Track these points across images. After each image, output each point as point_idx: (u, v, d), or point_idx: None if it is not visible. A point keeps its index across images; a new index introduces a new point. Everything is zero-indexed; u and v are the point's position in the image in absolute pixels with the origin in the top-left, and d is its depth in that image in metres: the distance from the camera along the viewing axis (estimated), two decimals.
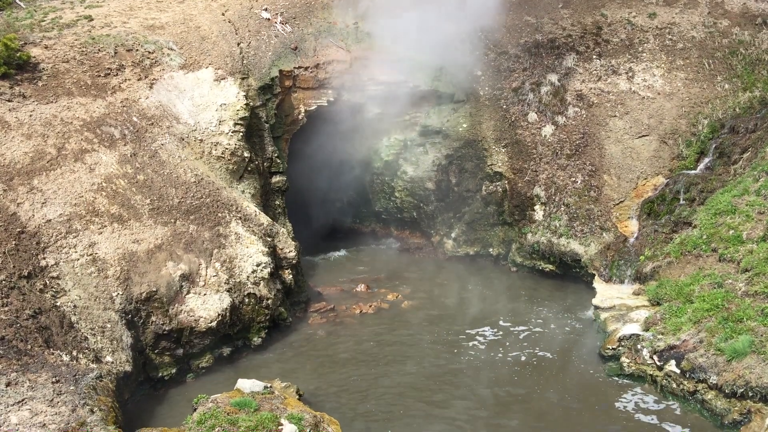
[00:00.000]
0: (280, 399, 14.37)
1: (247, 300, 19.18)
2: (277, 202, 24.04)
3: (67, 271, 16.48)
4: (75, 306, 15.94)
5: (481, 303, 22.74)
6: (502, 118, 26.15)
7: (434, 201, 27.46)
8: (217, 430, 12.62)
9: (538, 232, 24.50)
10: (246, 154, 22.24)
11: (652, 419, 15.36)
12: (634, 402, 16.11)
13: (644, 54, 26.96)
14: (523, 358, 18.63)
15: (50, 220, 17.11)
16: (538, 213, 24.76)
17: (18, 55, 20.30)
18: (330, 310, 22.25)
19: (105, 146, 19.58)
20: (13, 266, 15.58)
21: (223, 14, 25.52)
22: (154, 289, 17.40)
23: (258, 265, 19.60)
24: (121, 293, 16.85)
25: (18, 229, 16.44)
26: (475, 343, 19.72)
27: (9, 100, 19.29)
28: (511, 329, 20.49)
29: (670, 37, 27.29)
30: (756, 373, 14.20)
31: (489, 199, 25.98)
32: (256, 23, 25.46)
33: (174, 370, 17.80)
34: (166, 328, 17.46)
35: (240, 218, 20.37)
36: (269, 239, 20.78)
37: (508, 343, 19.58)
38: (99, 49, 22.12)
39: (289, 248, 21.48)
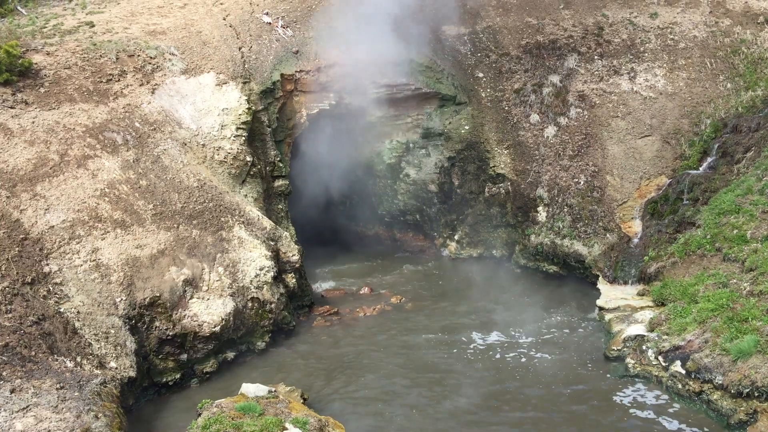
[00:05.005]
0: (284, 403, 14.35)
1: (250, 304, 19.17)
2: (279, 206, 24.03)
3: (71, 277, 16.49)
4: (78, 312, 15.94)
5: (484, 305, 22.68)
6: (504, 119, 26.13)
7: (437, 203, 27.44)
8: None
9: (541, 234, 24.45)
10: (248, 159, 22.25)
11: (657, 419, 15.31)
12: (639, 402, 16.04)
13: (646, 54, 26.91)
14: (524, 360, 18.59)
15: (53, 227, 17.13)
16: (542, 214, 24.71)
17: (20, 61, 20.33)
18: (334, 314, 22.24)
19: (107, 152, 19.61)
20: (17, 273, 15.59)
21: (224, 19, 25.55)
22: (158, 295, 17.40)
23: (261, 269, 19.60)
24: (124, 299, 16.85)
25: (21, 236, 16.46)
26: (479, 344, 19.68)
27: (11, 107, 19.33)
28: (515, 331, 20.43)
29: (671, 36, 27.25)
30: (762, 372, 14.14)
31: (492, 201, 25.95)
32: (257, 27, 25.48)
33: (178, 375, 17.78)
34: (170, 333, 17.45)
35: (243, 222, 20.37)
36: (272, 243, 20.77)
37: (511, 345, 19.53)
38: (101, 55, 22.15)
39: (292, 252, 21.48)
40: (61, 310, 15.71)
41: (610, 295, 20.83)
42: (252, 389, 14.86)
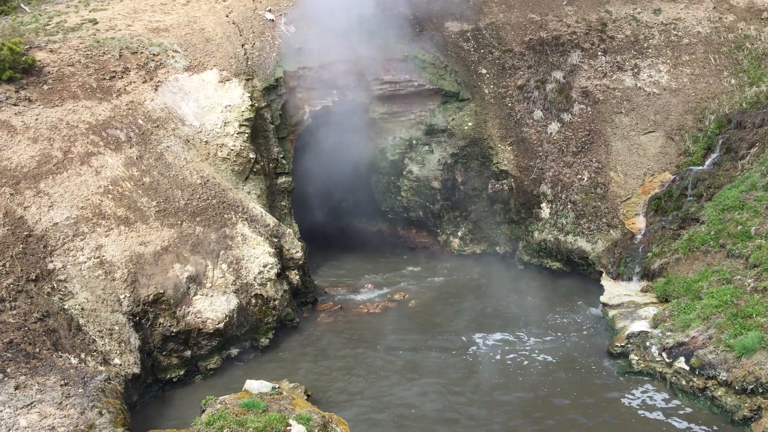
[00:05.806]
0: (288, 399, 14.36)
1: (254, 301, 19.18)
2: (283, 203, 24.04)
3: (75, 274, 16.52)
4: (83, 309, 15.97)
5: (488, 301, 22.68)
6: (508, 116, 26.09)
7: (440, 200, 27.42)
8: (225, 431, 12.62)
9: (544, 230, 24.43)
10: (251, 155, 22.25)
11: (661, 416, 15.29)
12: (643, 399, 16.03)
13: (649, 50, 26.84)
14: (530, 357, 18.57)
15: (57, 224, 17.16)
16: (545, 211, 24.69)
17: (23, 59, 20.35)
18: (337, 310, 22.26)
19: (111, 149, 19.62)
20: (21, 270, 15.62)
21: (227, 16, 25.53)
22: (162, 291, 17.42)
23: (264, 266, 19.61)
24: (128, 295, 16.88)
25: (25, 233, 16.49)
26: (483, 341, 19.67)
27: (15, 104, 19.35)
28: (519, 327, 20.42)
29: (675, 32, 27.16)
30: (766, 369, 14.12)
31: (495, 197, 25.93)
32: (260, 24, 25.46)
33: (182, 372, 17.82)
34: (174, 330, 17.48)
35: (246, 219, 20.38)
36: (275, 240, 20.78)
37: (514, 343, 19.52)
38: (104, 52, 22.16)
39: (295, 249, 21.49)
40: (66, 306, 15.74)
41: (614, 291, 20.80)
42: (256, 386, 14.88)
